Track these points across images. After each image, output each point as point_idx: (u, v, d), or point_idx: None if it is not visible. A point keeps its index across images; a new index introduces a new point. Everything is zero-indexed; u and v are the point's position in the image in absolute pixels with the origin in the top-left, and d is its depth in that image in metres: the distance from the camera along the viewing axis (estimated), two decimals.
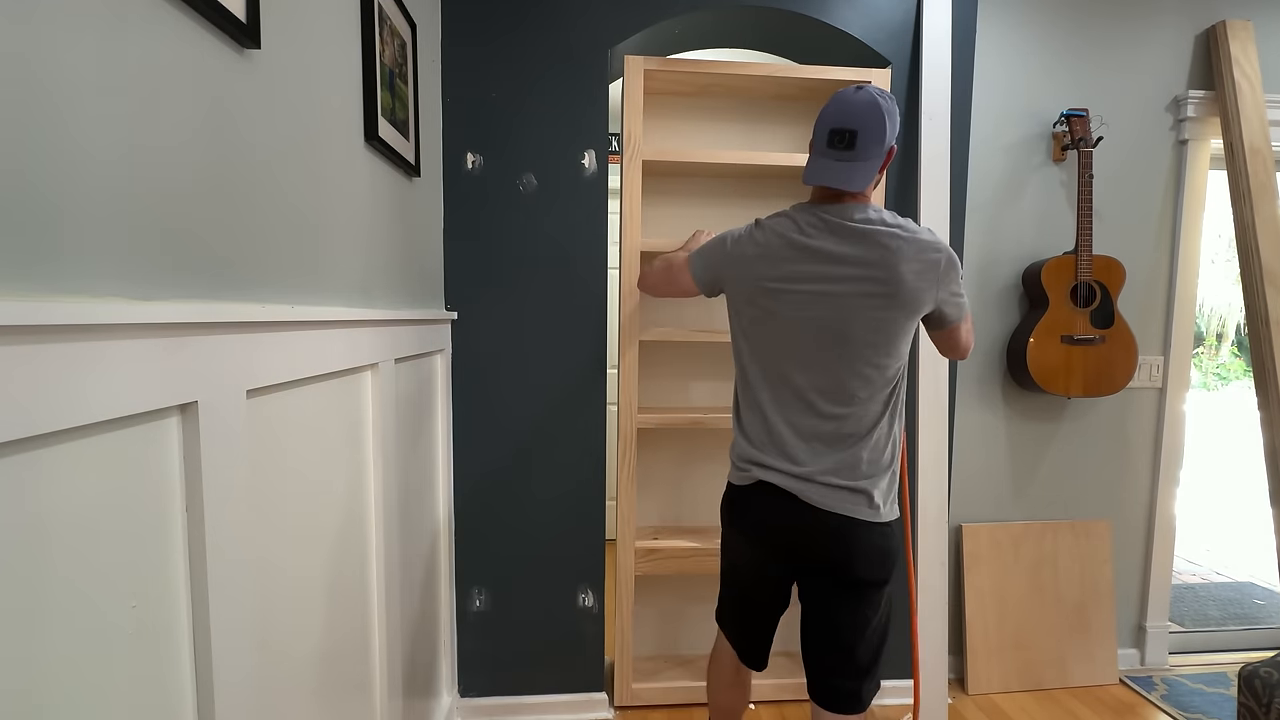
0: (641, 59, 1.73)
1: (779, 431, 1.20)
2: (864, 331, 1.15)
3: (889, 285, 1.13)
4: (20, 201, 0.47)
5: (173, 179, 0.64)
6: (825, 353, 1.17)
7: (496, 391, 1.78)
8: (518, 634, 1.84)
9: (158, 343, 0.59)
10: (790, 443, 1.19)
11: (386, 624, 1.25)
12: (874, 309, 1.14)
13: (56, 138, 0.50)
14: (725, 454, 1.89)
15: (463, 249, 1.74)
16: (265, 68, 0.81)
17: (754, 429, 1.25)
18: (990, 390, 2.07)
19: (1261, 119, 1.93)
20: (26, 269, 0.48)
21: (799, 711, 1.91)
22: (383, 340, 1.21)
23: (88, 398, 0.51)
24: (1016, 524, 2.08)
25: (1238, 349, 6.67)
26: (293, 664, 0.90)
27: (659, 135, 1.98)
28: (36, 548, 0.48)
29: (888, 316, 1.15)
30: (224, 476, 0.70)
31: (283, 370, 0.83)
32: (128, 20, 0.58)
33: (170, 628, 0.64)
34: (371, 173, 1.20)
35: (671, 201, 2.02)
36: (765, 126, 2.00)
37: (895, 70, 1.81)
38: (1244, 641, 2.36)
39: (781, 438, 1.20)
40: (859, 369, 1.17)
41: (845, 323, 1.15)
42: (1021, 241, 2.04)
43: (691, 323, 2.05)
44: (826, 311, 1.15)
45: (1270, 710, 1.31)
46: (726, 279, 1.28)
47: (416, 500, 1.51)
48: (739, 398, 1.30)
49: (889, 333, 1.16)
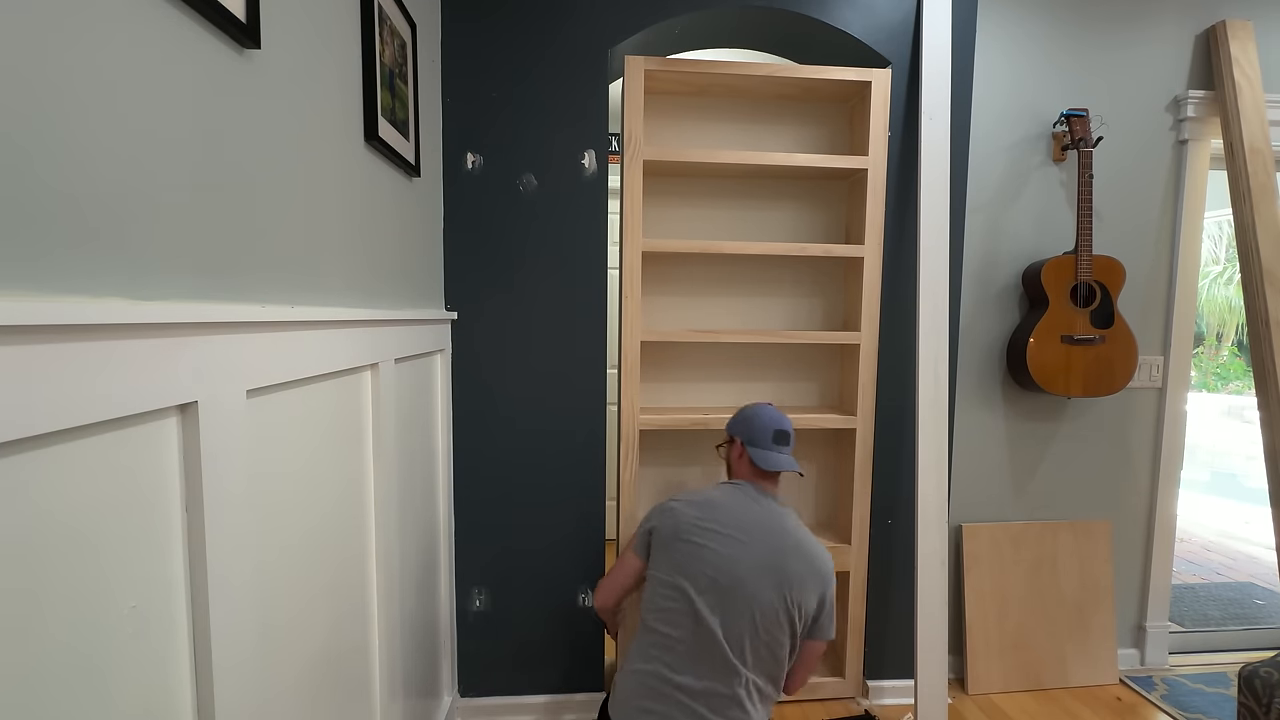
0: (642, 59, 1.73)
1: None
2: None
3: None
4: (20, 201, 0.47)
5: (173, 179, 0.64)
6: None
7: (496, 391, 1.78)
8: (518, 634, 1.84)
9: (158, 343, 0.59)
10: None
11: (386, 624, 1.25)
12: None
13: (56, 137, 0.50)
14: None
15: (463, 249, 1.74)
16: (265, 68, 0.81)
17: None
18: (990, 390, 2.07)
19: (1261, 119, 1.93)
20: (26, 269, 0.47)
21: (796, 710, 1.91)
22: (383, 340, 1.21)
23: (87, 398, 0.51)
24: (1016, 524, 2.08)
25: (1237, 349, 6.67)
26: (292, 664, 0.90)
27: (660, 135, 1.98)
28: (36, 548, 0.48)
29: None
30: (224, 476, 0.70)
31: (283, 370, 0.83)
32: (127, 20, 0.57)
33: (170, 628, 0.64)
34: (371, 173, 1.20)
35: (670, 202, 2.03)
36: (766, 126, 2.00)
37: (895, 70, 1.81)
38: (1244, 641, 2.36)
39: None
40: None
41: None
42: (1021, 241, 2.04)
43: (694, 323, 2.06)
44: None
45: (1270, 710, 1.31)
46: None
47: (416, 500, 1.51)
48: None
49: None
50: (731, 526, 1.29)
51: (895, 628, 1.96)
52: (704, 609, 1.22)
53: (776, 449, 1.41)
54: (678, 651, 1.22)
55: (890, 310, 1.88)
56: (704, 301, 2.06)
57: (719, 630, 1.21)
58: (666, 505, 1.37)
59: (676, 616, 1.24)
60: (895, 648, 1.97)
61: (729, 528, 1.29)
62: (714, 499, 1.35)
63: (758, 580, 1.24)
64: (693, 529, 1.29)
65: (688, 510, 1.33)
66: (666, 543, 1.31)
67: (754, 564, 1.25)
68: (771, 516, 1.33)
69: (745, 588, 1.23)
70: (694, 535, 1.29)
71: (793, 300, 2.06)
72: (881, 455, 1.91)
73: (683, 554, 1.28)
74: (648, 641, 1.26)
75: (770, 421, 1.43)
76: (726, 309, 2.07)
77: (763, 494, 1.38)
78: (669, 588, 1.27)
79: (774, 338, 1.87)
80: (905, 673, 1.96)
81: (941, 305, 1.74)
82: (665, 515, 1.35)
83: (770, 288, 2.06)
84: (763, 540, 1.28)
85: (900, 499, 1.92)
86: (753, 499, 1.36)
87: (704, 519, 1.30)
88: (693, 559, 1.26)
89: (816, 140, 2.02)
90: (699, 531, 1.29)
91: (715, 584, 1.23)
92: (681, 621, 1.23)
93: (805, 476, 2.10)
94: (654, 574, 1.31)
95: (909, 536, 1.92)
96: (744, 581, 1.23)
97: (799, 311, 2.07)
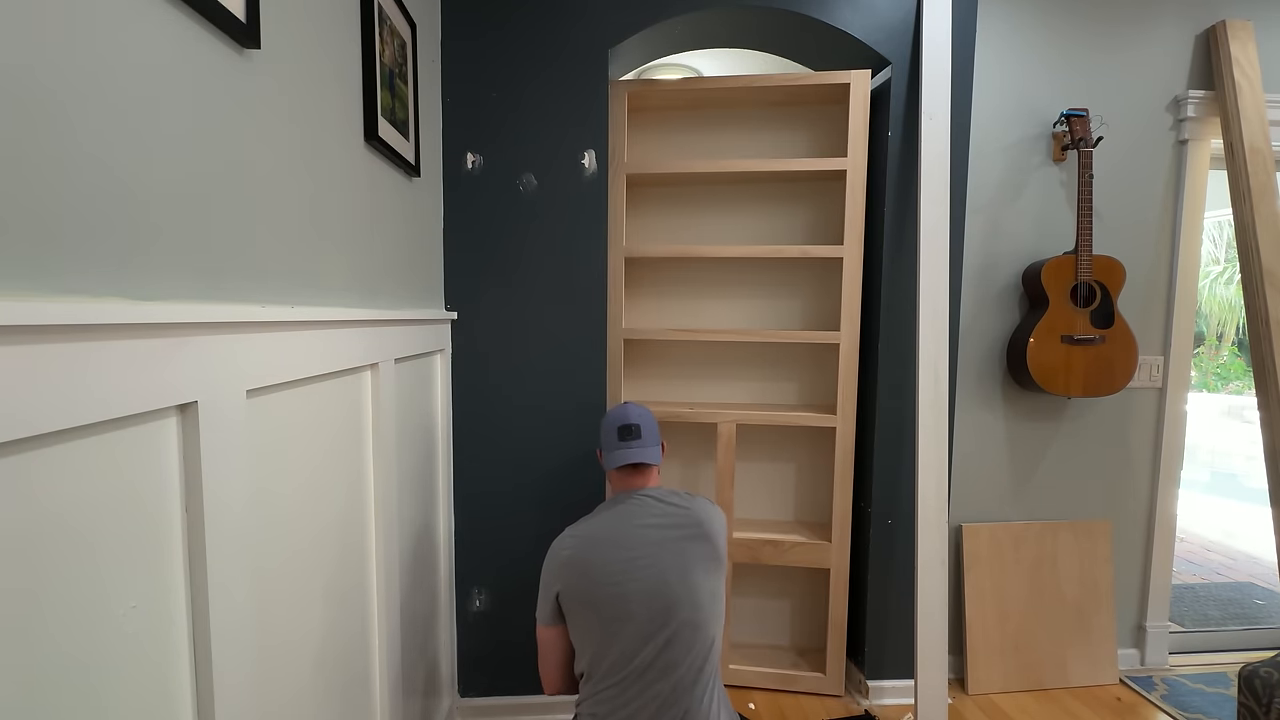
0: (624, 83, 1.87)
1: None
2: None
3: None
4: (20, 201, 0.47)
5: (172, 179, 0.64)
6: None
7: (496, 391, 1.78)
8: (518, 634, 1.84)
9: (157, 343, 0.59)
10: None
11: (386, 624, 1.25)
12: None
13: (56, 137, 0.50)
14: (722, 453, 1.90)
15: (462, 249, 1.74)
16: (265, 68, 0.81)
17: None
18: (990, 390, 2.07)
19: (1261, 119, 1.93)
20: (26, 269, 0.48)
21: (793, 702, 1.91)
22: (383, 340, 1.21)
23: (87, 398, 0.51)
24: (1016, 524, 2.08)
25: (1237, 349, 6.67)
26: (292, 664, 0.90)
27: (660, 146, 2.06)
28: (36, 547, 0.48)
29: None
30: (223, 476, 0.70)
31: (283, 370, 0.83)
32: (128, 20, 0.57)
33: (170, 628, 0.64)
34: (371, 173, 1.20)
35: (669, 208, 2.10)
36: (760, 132, 2.06)
37: (895, 70, 1.81)
38: (1244, 641, 2.36)
39: None
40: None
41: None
42: (1021, 241, 2.04)
43: (684, 323, 2.10)
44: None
45: (1270, 710, 1.31)
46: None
47: (416, 500, 1.51)
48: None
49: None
50: (624, 556, 1.20)
51: (895, 628, 1.96)
52: (650, 649, 1.16)
53: (624, 445, 1.34)
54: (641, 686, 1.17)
55: (890, 310, 1.88)
56: (700, 304, 2.12)
57: (674, 659, 1.16)
58: (560, 557, 1.24)
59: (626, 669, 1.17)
60: (895, 648, 1.97)
61: (623, 559, 1.20)
62: (595, 534, 1.25)
63: (677, 588, 1.18)
64: (597, 581, 1.20)
65: (583, 557, 1.22)
66: (580, 605, 1.21)
67: (660, 579, 1.18)
68: (645, 514, 1.26)
69: (673, 600, 1.18)
70: (604, 585, 1.19)
71: (785, 302, 2.10)
72: (881, 455, 1.91)
73: (605, 611, 1.19)
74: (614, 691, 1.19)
75: (615, 420, 1.38)
76: (722, 310, 2.12)
77: (630, 497, 1.30)
78: (606, 647, 1.18)
79: (752, 336, 1.92)
80: (905, 673, 1.96)
81: (941, 305, 1.74)
82: (565, 573, 1.23)
83: (760, 289, 2.11)
84: (652, 554, 1.20)
85: (900, 499, 1.92)
86: (625, 510, 1.27)
87: (600, 563, 1.21)
88: (616, 611, 1.18)
89: (810, 143, 2.04)
90: (605, 577, 1.19)
91: (650, 613, 1.17)
92: (634, 681, 1.17)
93: (786, 476, 2.13)
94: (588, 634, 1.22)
95: (909, 536, 1.92)
96: (672, 595, 1.18)
97: (790, 312, 2.10)
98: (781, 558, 1.94)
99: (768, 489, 2.15)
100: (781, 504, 2.15)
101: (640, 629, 1.17)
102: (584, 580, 1.20)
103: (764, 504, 2.15)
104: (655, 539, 1.23)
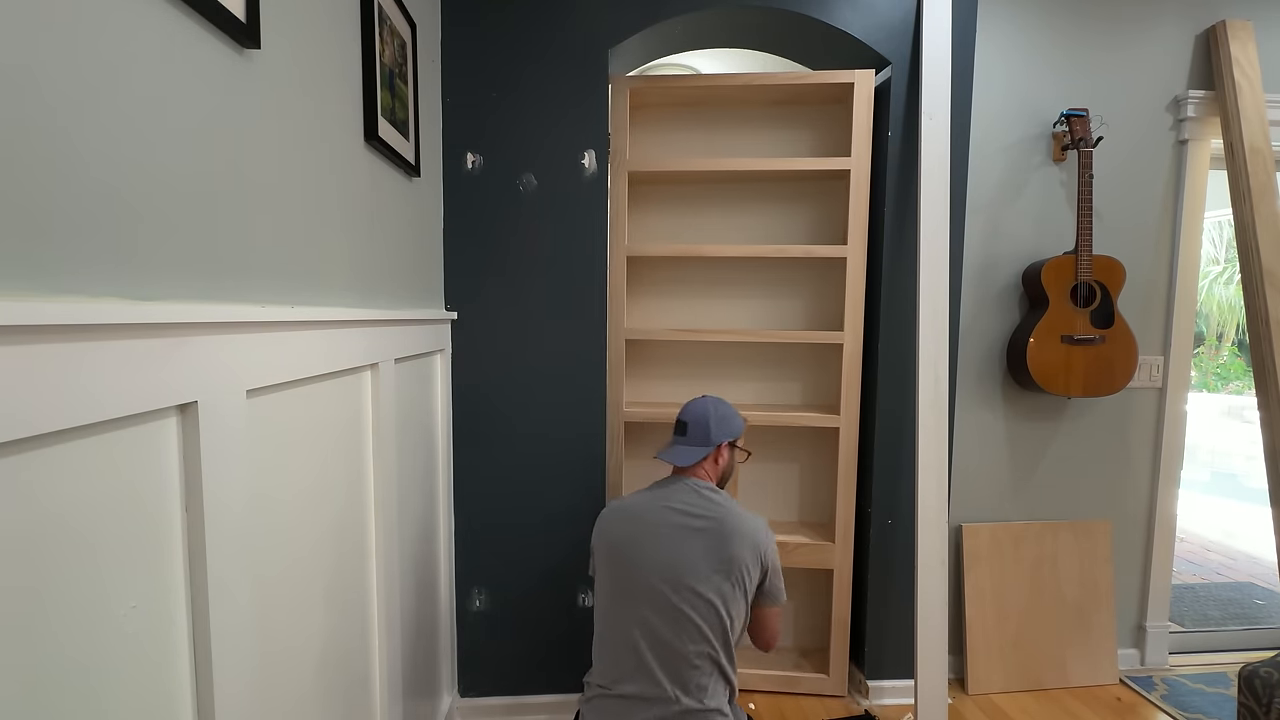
0: (627, 79, 1.84)
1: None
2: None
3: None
4: (20, 201, 0.47)
5: (171, 178, 0.64)
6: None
7: (496, 391, 1.78)
8: (518, 634, 1.84)
9: (157, 343, 0.59)
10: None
11: (386, 624, 1.25)
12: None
13: (54, 137, 0.50)
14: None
15: (463, 249, 1.74)
16: (265, 68, 0.81)
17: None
18: (990, 390, 2.07)
19: (1261, 119, 1.93)
20: (23, 268, 0.47)
21: (793, 703, 1.91)
22: (383, 340, 1.21)
23: (87, 398, 0.51)
24: (1016, 524, 2.08)
25: (1237, 349, 6.67)
26: (292, 664, 0.90)
27: (661, 144, 2.05)
28: (36, 548, 0.48)
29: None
30: (224, 476, 0.70)
31: (283, 370, 0.83)
32: (127, 20, 0.57)
33: (170, 628, 0.64)
34: (371, 173, 1.20)
35: (670, 207, 2.09)
36: (762, 131, 2.06)
37: (895, 70, 1.81)
38: (1244, 641, 2.36)
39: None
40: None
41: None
42: (1021, 241, 2.04)
43: (687, 323, 2.09)
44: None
45: (1270, 710, 1.31)
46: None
47: (416, 500, 1.51)
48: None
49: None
50: (640, 530, 1.28)
51: (895, 628, 1.96)
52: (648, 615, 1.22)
53: (675, 440, 1.41)
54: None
55: (890, 310, 1.88)
56: (702, 303, 2.12)
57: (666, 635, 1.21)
58: (599, 521, 1.36)
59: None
60: (895, 648, 1.97)
61: (639, 532, 1.28)
62: (628, 506, 1.34)
63: (678, 573, 1.23)
64: (614, 545, 1.29)
65: (609, 523, 1.33)
66: (601, 565, 1.31)
67: (665, 561, 1.23)
68: (678, 499, 1.31)
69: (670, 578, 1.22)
70: (618, 549, 1.28)
71: (787, 301, 2.10)
72: (881, 455, 1.91)
73: (615, 574, 1.27)
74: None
75: (680, 415, 1.43)
76: (723, 310, 2.11)
77: (675, 481, 1.36)
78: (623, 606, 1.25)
79: (755, 336, 1.92)
80: (905, 673, 1.96)
81: (941, 305, 1.74)
82: (596, 535, 1.34)
83: (762, 289, 2.11)
84: (666, 535, 1.27)
85: (900, 499, 1.92)
86: (664, 492, 1.34)
87: (621, 533, 1.30)
88: (621, 577, 1.26)
89: (811, 142, 2.04)
90: (620, 545, 1.28)
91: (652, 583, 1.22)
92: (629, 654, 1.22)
93: (789, 477, 2.14)
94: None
95: (909, 536, 1.92)
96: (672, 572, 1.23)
97: (792, 312, 2.10)
98: (786, 559, 1.93)
99: (771, 490, 2.14)
100: (785, 505, 2.15)
101: (637, 603, 1.23)
102: (604, 543, 1.31)
103: (768, 505, 2.15)
104: (675, 523, 1.28)
